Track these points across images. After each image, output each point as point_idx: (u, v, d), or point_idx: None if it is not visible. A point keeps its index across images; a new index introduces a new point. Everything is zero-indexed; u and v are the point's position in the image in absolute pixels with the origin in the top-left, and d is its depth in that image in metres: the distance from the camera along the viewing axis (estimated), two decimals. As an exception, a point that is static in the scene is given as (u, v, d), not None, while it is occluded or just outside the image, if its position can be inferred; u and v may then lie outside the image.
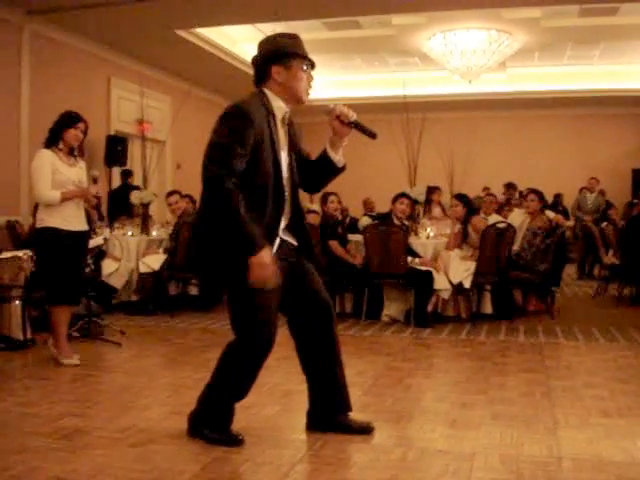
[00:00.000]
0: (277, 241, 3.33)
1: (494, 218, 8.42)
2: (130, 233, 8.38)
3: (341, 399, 3.63)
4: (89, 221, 5.66)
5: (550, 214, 8.57)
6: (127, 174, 10.98)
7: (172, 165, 13.24)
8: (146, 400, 4.33)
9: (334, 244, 7.65)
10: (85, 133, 5.38)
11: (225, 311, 7.87)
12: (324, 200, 8.21)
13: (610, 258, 9.45)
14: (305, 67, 3.36)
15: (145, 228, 8.56)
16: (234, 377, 3.44)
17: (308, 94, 3.41)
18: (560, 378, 4.92)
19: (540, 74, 15.01)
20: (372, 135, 3.34)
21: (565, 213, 13.75)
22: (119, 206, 9.57)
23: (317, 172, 3.52)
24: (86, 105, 10.34)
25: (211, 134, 3.25)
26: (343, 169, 3.48)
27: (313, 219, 8.82)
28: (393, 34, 11.43)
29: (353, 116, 3.35)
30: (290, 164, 3.40)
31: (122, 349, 5.98)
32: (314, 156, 3.54)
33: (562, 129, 16.92)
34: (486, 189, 14.47)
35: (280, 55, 3.31)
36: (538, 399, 4.35)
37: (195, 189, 12.22)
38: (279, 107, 3.34)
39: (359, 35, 11.88)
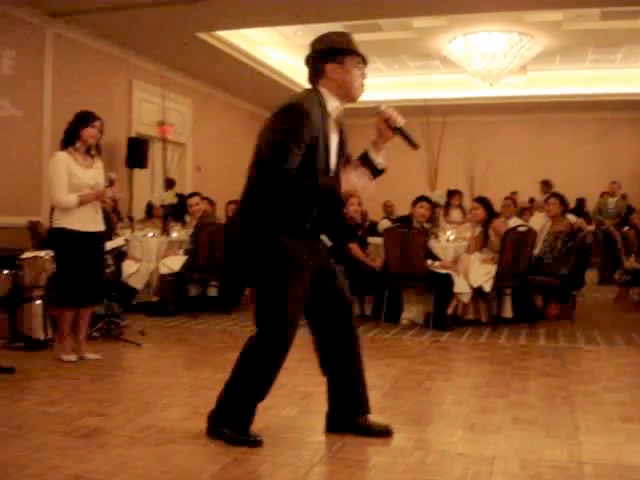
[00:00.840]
0: (315, 243, 3.38)
1: (515, 221, 8.37)
2: (151, 234, 8.42)
3: (360, 400, 3.62)
4: (108, 222, 5.69)
5: (572, 218, 8.52)
6: (171, 184, 10.99)
7: (192, 167, 13.28)
8: (165, 400, 4.34)
9: (354, 247, 7.64)
10: (101, 131, 5.41)
11: (244, 313, 7.95)
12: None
13: (631, 263, 9.36)
14: (358, 64, 3.36)
15: (165, 229, 8.61)
16: (253, 375, 3.43)
17: (362, 91, 3.41)
18: (581, 383, 4.88)
19: (561, 77, 14.92)
20: (414, 145, 3.36)
21: (587, 217, 13.65)
22: (175, 214, 9.58)
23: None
24: (108, 107, 10.42)
25: (266, 131, 3.25)
26: (383, 172, 3.46)
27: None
28: (414, 37, 11.42)
29: (401, 122, 3.34)
30: (337, 166, 3.40)
31: (142, 349, 6.01)
32: (355, 157, 3.54)
33: (583, 133, 16.81)
34: (513, 193, 14.38)
35: (334, 52, 3.31)
36: (559, 404, 4.32)
37: (214, 191, 12.32)
38: (334, 107, 3.33)
39: (380, 38, 11.86)
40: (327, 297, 3.52)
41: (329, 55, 3.31)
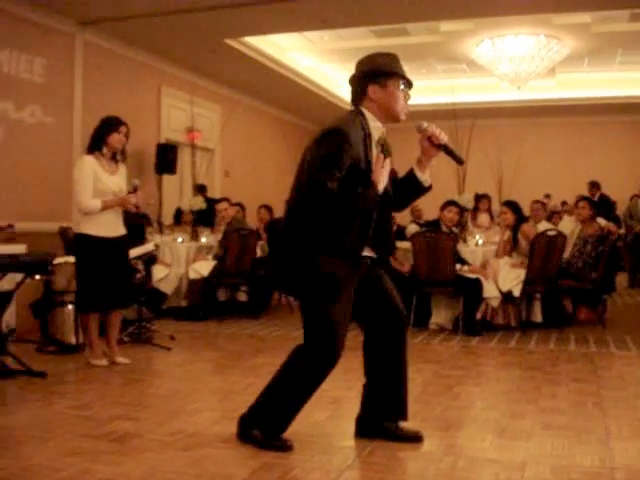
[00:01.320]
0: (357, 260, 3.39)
1: (544, 226, 8.32)
2: (180, 239, 8.49)
3: (400, 404, 3.61)
4: (139, 228, 5.74)
5: (602, 222, 8.45)
6: (202, 189, 11.05)
7: (221, 173, 13.35)
8: (195, 404, 4.38)
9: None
10: (127, 137, 5.46)
11: (273, 317, 7.98)
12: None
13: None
14: (402, 86, 3.38)
15: (195, 234, 8.67)
16: (296, 384, 3.45)
17: (405, 113, 3.41)
18: (612, 388, 4.83)
19: (590, 80, 14.79)
20: (459, 161, 3.41)
21: (617, 221, 13.51)
22: (204, 219, 9.64)
23: (403, 191, 3.54)
24: (137, 113, 10.51)
25: (309, 154, 3.28)
26: (429, 189, 3.50)
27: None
28: (441, 41, 11.39)
29: (444, 139, 3.36)
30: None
31: (172, 354, 6.06)
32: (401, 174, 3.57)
33: (613, 136, 16.64)
34: (547, 196, 14.30)
35: (376, 74, 3.34)
36: (590, 409, 4.29)
37: (243, 196, 12.36)
38: (376, 127, 3.36)
39: (407, 42, 11.83)
40: (375, 300, 3.55)
41: (372, 77, 3.34)
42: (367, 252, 3.44)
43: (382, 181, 3.23)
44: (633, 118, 16.28)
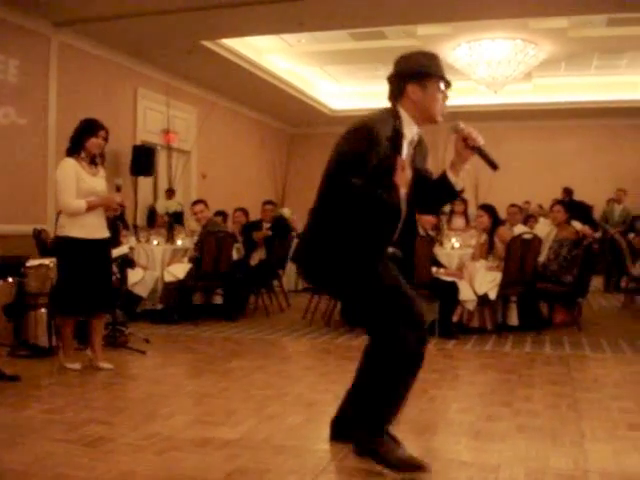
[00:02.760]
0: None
1: (520, 229, 8.36)
2: (155, 242, 8.44)
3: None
4: (114, 230, 5.69)
5: (577, 225, 8.50)
6: (171, 193, 11.03)
7: (197, 175, 13.31)
8: (170, 408, 4.34)
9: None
10: (106, 140, 5.41)
11: (249, 321, 7.94)
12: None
13: (637, 269, 9.35)
14: (442, 87, 3.29)
15: (170, 237, 8.62)
16: (393, 384, 3.22)
17: (442, 115, 3.33)
18: (587, 390, 4.86)
19: (567, 84, 14.92)
20: (494, 166, 3.24)
21: (594, 225, 13.62)
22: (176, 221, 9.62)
23: (434, 194, 3.43)
24: (113, 115, 10.44)
25: (337, 149, 3.20)
26: (461, 192, 3.38)
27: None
28: (418, 44, 11.40)
29: (480, 141, 3.26)
30: (410, 188, 3.28)
31: (146, 357, 6.01)
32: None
33: (589, 140, 16.78)
34: (526, 202, 14.40)
35: (417, 74, 3.25)
36: (564, 412, 4.31)
37: (219, 198, 12.32)
38: (410, 128, 3.25)
39: (385, 45, 11.87)
40: None
41: (412, 76, 3.25)
42: (390, 250, 3.34)
43: (403, 184, 3.13)
44: (609, 122, 16.44)
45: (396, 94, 3.30)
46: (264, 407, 4.32)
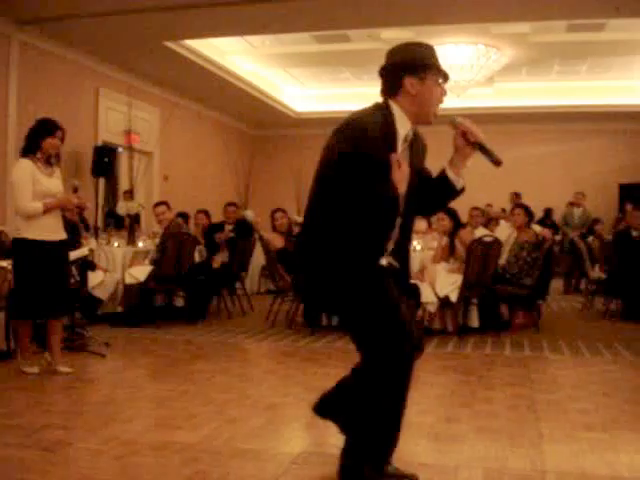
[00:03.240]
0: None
1: (481, 232, 8.44)
2: (116, 244, 8.36)
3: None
4: (74, 232, 5.62)
5: (537, 228, 8.60)
6: (128, 194, 10.93)
7: (159, 176, 13.22)
8: (130, 412, 4.30)
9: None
10: (63, 140, 5.34)
11: (211, 323, 7.90)
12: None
13: (596, 272, 9.49)
14: (440, 81, 3.04)
15: (131, 239, 8.55)
16: (384, 404, 3.04)
17: (437, 112, 3.08)
18: (545, 392, 4.92)
19: (528, 89, 15.11)
20: (497, 162, 3.01)
21: (554, 227, 13.81)
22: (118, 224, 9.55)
23: (434, 193, 3.15)
24: (74, 115, 10.33)
25: (327, 147, 2.97)
26: (462, 191, 3.13)
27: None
28: (382, 48, 11.43)
29: (481, 136, 3.03)
30: (409, 189, 2.99)
31: (106, 361, 5.95)
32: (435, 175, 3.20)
33: (550, 144, 17.01)
34: (488, 205, 14.56)
35: (415, 66, 2.97)
36: (523, 413, 4.36)
37: (182, 200, 12.24)
38: (404, 125, 2.99)
39: (348, 48, 11.91)
40: None
41: (410, 68, 2.97)
42: (391, 261, 3.10)
43: (401, 181, 2.86)
44: (569, 126, 16.68)
45: (391, 88, 3.02)
46: (224, 410, 4.30)
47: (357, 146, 2.82)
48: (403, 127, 2.98)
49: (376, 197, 2.87)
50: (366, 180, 2.83)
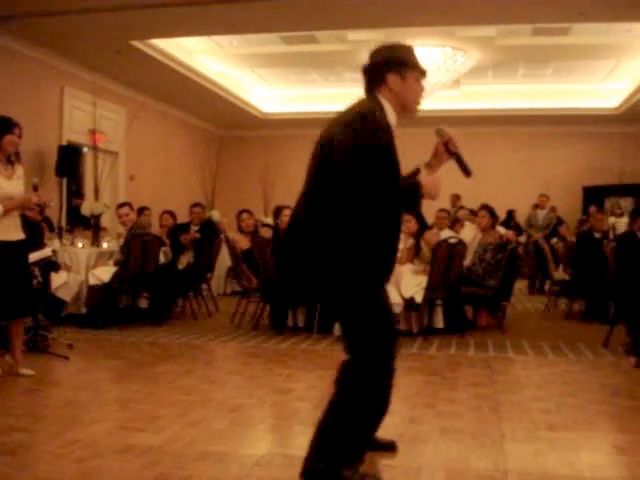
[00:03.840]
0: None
1: (446, 233, 8.49)
2: (80, 245, 8.27)
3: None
4: (37, 232, 5.55)
5: (501, 230, 8.68)
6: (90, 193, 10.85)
7: (125, 176, 13.11)
8: (92, 415, 4.26)
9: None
10: (20, 137, 5.26)
11: (175, 324, 7.84)
12: (277, 214, 8.22)
13: (560, 274, 9.60)
14: (418, 79, 3.24)
15: (96, 240, 8.47)
16: (364, 404, 3.08)
17: (419, 105, 3.29)
18: (508, 392, 4.96)
19: (493, 92, 15.26)
20: (468, 173, 3.25)
21: (518, 229, 13.96)
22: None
23: (407, 194, 3.17)
24: (38, 114, 10.22)
25: (339, 140, 2.97)
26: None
27: (266, 232, 8.84)
28: (349, 49, 11.51)
29: (458, 148, 3.26)
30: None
31: (70, 363, 5.88)
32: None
33: (515, 146, 17.19)
34: (460, 206, 14.64)
35: (397, 64, 3.17)
36: (486, 413, 4.39)
37: (148, 200, 12.13)
38: (392, 117, 3.17)
39: (316, 50, 11.93)
40: None
41: (392, 66, 3.17)
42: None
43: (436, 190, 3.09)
44: (534, 129, 16.88)
45: (374, 84, 3.20)
46: (188, 412, 4.28)
47: (370, 137, 2.94)
48: (393, 119, 3.17)
49: (391, 182, 2.98)
50: (382, 169, 2.94)
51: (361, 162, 2.90)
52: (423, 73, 3.26)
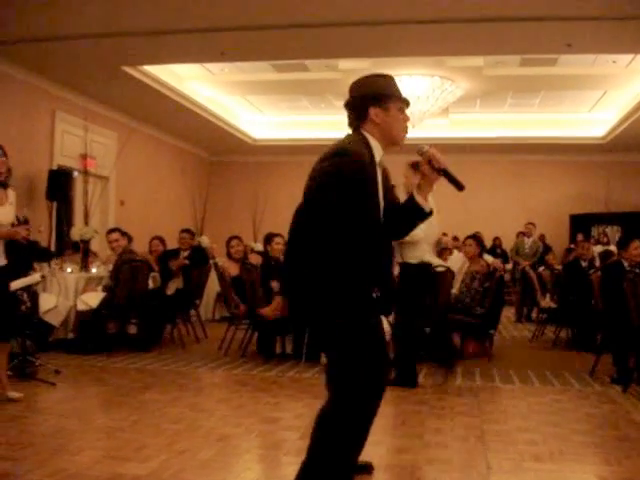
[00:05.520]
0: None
1: (435, 261, 8.52)
2: (69, 270, 8.26)
3: None
4: (25, 257, 5.53)
5: (488, 258, 8.74)
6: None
7: (115, 201, 13.12)
8: (78, 443, 4.24)
9: (276, 285, 7.66)
10: (5, 156, 5.24)
11: (164, 351, 7.81)
12: (268, 241, 8.24)
13: (547, 302, 9.65)
14: (401, 108, 3.23)
15: (85, 265, 8.46)
16: (347, 445, 3.04)
17: (405, 135, 3.28)
18: (495, 422, 4.97)
19: (482, 120, 15.41)
20: (460, 187, 3.22)
21: (504, 256, 14.05)
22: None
23: (403, 218, 3.28)
24: (29, 138, 10.24)
25: (315, 175, 3.02)
26: (430, 214, 3.26)
27: (255, 259, 8.85)
28: (340, 77, 11.61)
29: (444, 163, 3.19)
30: (385, 210, 3.20)
31: (56, 389, 5.86)
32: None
33: (502, 174, 17.33)
34: (443, 234, 14.76)
35: (378, 96, 3.17)
36: (472, 443, 4.40)
37: (138, 225, 12.13)
38: (377, 151, 3.17)
39: (306, 78, 12.04)
40: None
41: (373, 99, 3.17)
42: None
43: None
44: (522, 158, 17.03)
45: (358, 119, 3.21)
46: (175, 442, 4.27)
47: (345, 171, 2.94)
48: (378, 153, 3.17)
49: (366, 218, 3.02)
50: (356, 203, 2.96)
51: (324, 196, 2.94)
52: (406, 102, 3.26)
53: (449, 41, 9.23)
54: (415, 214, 3.22)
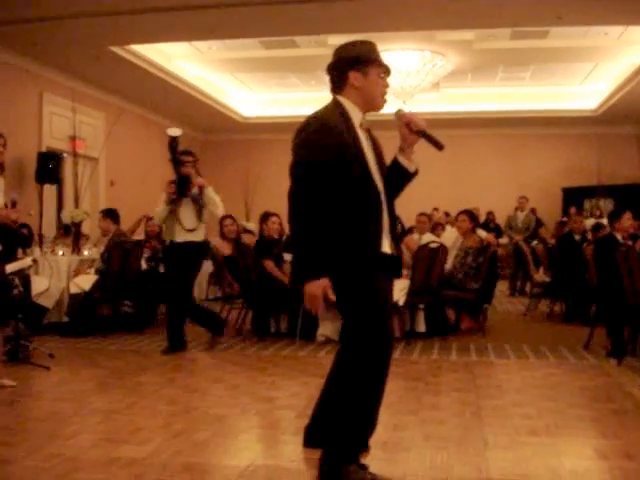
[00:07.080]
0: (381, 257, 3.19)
1: (428, 237, 8.52)
2: (61, 252, 8.22)
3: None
4: (14, 242, 5.50)
5: (482, 233, 8.73)
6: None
7: (105, 182, 13.05)
8: (74, 427, 4.22)
9: (269, 264, 7.64)
10: (5, 147, 5.22)
11: (159, 332, 7.80)
12: (264, 219, 8.20)
13: (540, 276, 9.66)
14: (381, 74, 3.28)
15: (76, 247, 8.41)
16: (362, 391, 3.16)
17: (384, 101, 3.33)
18: (490, 397, 4.98)
19: (473, 94, 15.35)
20: (440, 147, 3.26)
21: (497, 231, 14.04)
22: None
23: (391, 180, 3.31)
24: (17, 121, 10.15)
25: (295, 150, 3.12)
26: (416, 174, 3.34)
27: (248, 239, 8.82)
28: (329, 54, 11.43)
29: (422, 125, 3.25)
30: (381, 169, 3.27)
31: (51, 373, 5.83)
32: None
33: (494, 148, 17.30)
34: (435, 209, 14.78)
35: (358, 61, 3.23)
36: (468, 419, 4.40)
37: (128, 206, 12.10)
38: (355, 114, 3.23)
39: (295, 54, 11.96)
40: None
41: (353, 63, 3.23)
42: (387, 248, 3.23)
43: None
44: (513, 131, 16.99)
45: (337, 83, 3.29)
46: (171, 423, 4.26)
47: (322, 137, 3.05)
48: (356, 116, 3.23)
49: (353, 179, 3.09)
50: (341, 166, 3.05)
51: (304, 171, 3.06)
52: (386, 69, 3.32)
53: (439, 15, 9.17)
54: (401, 175, 3.31)
